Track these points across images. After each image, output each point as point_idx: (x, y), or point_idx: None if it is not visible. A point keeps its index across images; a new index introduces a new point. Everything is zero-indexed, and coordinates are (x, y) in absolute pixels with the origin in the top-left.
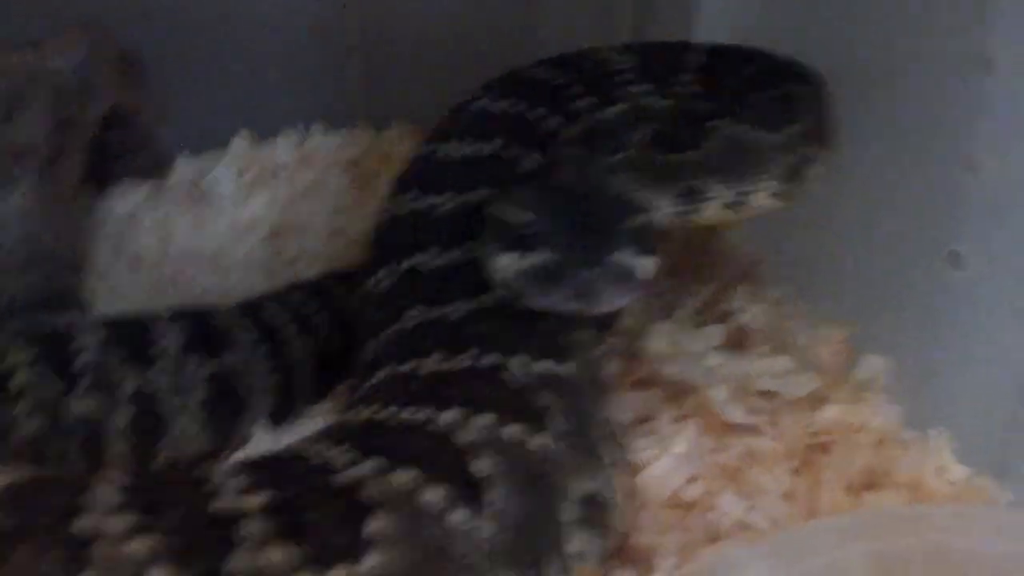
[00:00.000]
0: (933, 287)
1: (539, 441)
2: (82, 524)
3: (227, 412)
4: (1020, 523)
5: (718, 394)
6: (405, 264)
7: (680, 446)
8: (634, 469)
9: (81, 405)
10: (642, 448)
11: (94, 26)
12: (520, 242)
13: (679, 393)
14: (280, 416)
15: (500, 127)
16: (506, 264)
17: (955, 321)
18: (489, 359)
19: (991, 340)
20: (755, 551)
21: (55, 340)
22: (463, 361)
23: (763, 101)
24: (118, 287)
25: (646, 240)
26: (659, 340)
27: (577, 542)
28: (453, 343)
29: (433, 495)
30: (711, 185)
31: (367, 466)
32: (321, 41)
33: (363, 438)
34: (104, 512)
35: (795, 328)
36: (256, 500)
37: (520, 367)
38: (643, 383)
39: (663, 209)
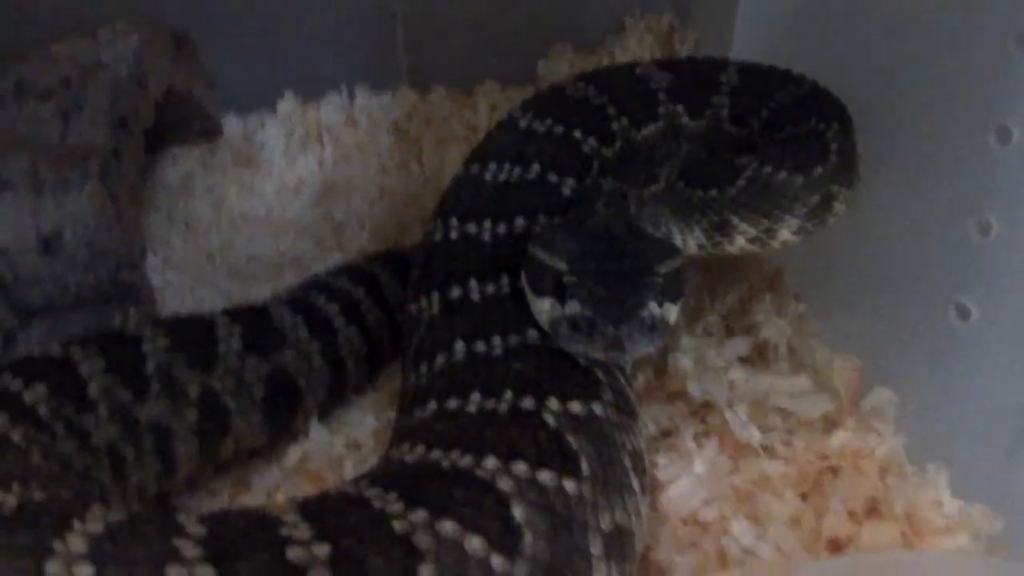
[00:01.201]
0: (941, 333)
1: (571, 485)
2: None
3: (284, 407)
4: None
5: (737, 415)
6: (451, 293)
7: (700, 467)
8: (656, 486)
9: (152, 409)
10: (664, 465)
11: (144, 14)
12: (557, 289)
13: (702, 409)
14: (333, 403)
15: (539, 151)
16: (545, 309)
17: (958, 366)
18: (526, 403)
19: (990, 385)
20: None
21: (124, 345)
22: (502, 404)
23: (791, 142)
24: (171, 257)
25: (676, 285)
26: (686, 357)
27: (604, 572)
28: (493, 382)
29: (476, 543)
30: (738, 222)
31: (418, 515)
32: (365, 4)
33: (413, 485)
34: (190, 563)
35: (814, 347)
36: (323, 550)
37: (554, 409)
38: (670, 397)
39: (692, 241)
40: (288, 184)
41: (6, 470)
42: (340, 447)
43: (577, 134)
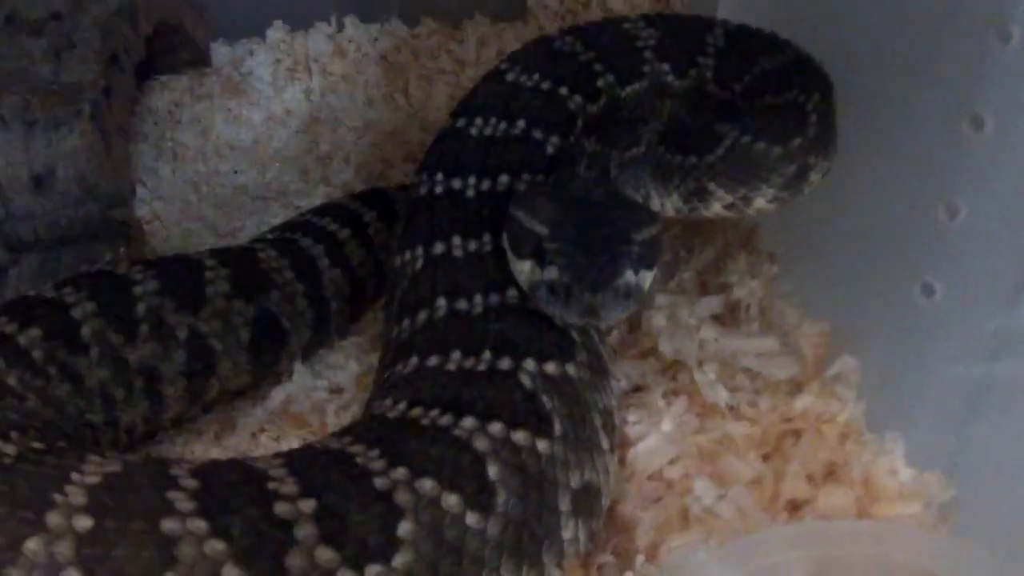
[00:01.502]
0: (906, 308)
1: (543, 445)
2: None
3: (269, 348)
4: (953, 547)
5: (706, 375)
6: (435, 248)
7: (668, 425)
8: (625, 442)
9: (142, 351)
10: (634, 421)
11: None
12: (537, 254)
13: (673, 367)
14: (317, 343)
15: (525, 107)
16: (524, 272)
17: (920, 340)
18: (503, 363)
19: (949, 361)
20: (711, 554)
21: (115, 288)
22: (480, 364)
23: (771, 111)
24: (159, 187)
25: (652, 252)
26: (659, 314)
27: (572, 528)
28: (472, 341)
29: (453, 501)
30: (715, 188)
31: (399, 473)
32: None
33: (394, 443)
34: (183, 516)
35: (784, 309)
36: (308, 505)
37: (529, 370)
38: (642, 354)
39: (670, 205)
40: (275, 113)
41: (4, 417)
42: (323, 391)
43: (563, 90)
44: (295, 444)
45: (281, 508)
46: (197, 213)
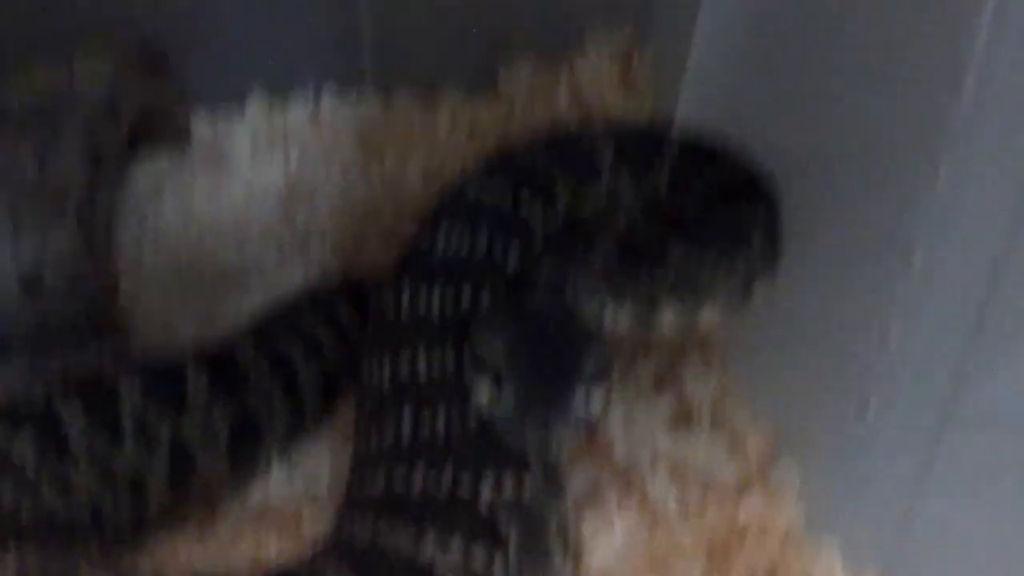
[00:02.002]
0: (842, 422)
1: (499, 563)
2: None
3: (247, 446)
4: None
5: (656, 481)
6: (401, 358)
7: (619, 538)
8: (578, 552)
9: (129, 456)
10: (587, 529)
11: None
12: (495, 379)
13: (626, 473)
14: (292, 438)
15: (487, 225)
16: (482, 393)
17: (856, 451)
18: (463, 485)
19: (883, 471)
20: None
21: (102, 395)
22: (444, 482)
23: (717, 225)
24: (141, 266)
25: (603, 377)
26: (613, 418)
27: None
28: (435, 460)
29: None
30: (664, 302)
31: None
32: (333, 4)
33: (363, 566)
34: None
35: (734, 411)
36: None
37: (487, 491)
38: (596, 462)
39: (624, 320)
40: (254, 188)
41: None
42: (299, 497)
43: (523, 209)
44: (273, 547)
45: None
46: (179, 291)
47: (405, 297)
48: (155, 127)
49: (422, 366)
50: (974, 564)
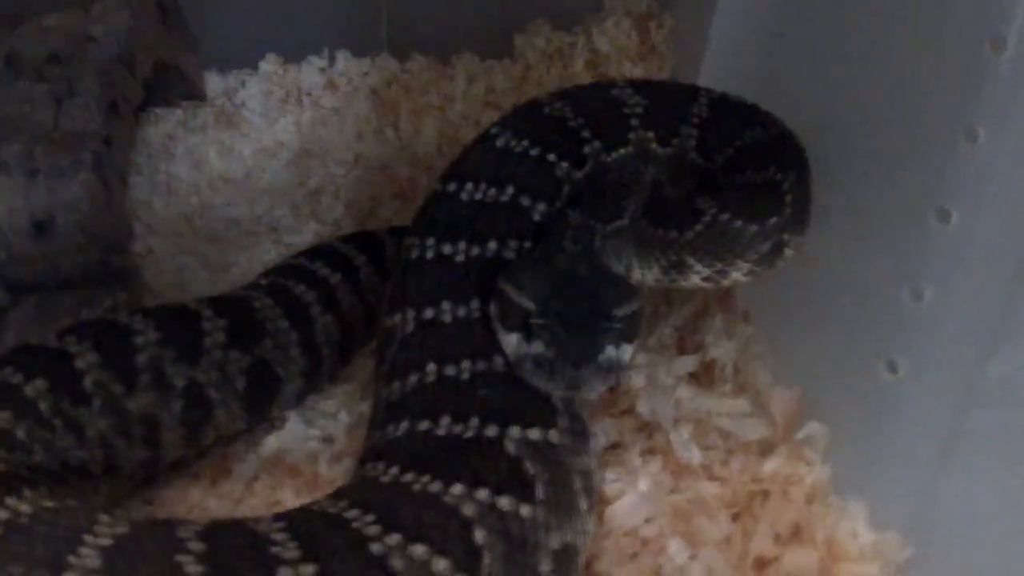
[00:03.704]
0: (871, 381)
1: (526, 510)
2: None
3: (263, 396)
4: None
5: (680, 435)
6: (425, 313)
7: (644, 484)
8: (602, 499)
9: (142, 401)
10: (611, 480)
11: None
12: (524, 327)
13: (649, 426)
14: (309, 388)
15: (514, 173)
16: (511, 344)
17: (884, 412)
18: (490, 430)
19: (911, 431)
20: None
21: (117, 338)
22: (468, 431)
23: (749, 189)
24: (152, 221)
25: (633, 327)
26: (638, 375)
27: None
28: (461, 408)
29: (442, 565)
30: (694, 262)
31: (393, 538)
32: None
33: (388, 509)
34: None
35: (758, 371)
36: (309, 570)
37: (514, 437)
38: (620, 413)
39: (651, 277)
40: (267, 146)
41: (16, 473)
42: (315, 441)
43: (551, 157)
44: (289, 493)
45: (284, 573)
46: (190, 247)
47: (430, 239)
48: (169, 81)
49: (447, 312)
50: (998, 528)
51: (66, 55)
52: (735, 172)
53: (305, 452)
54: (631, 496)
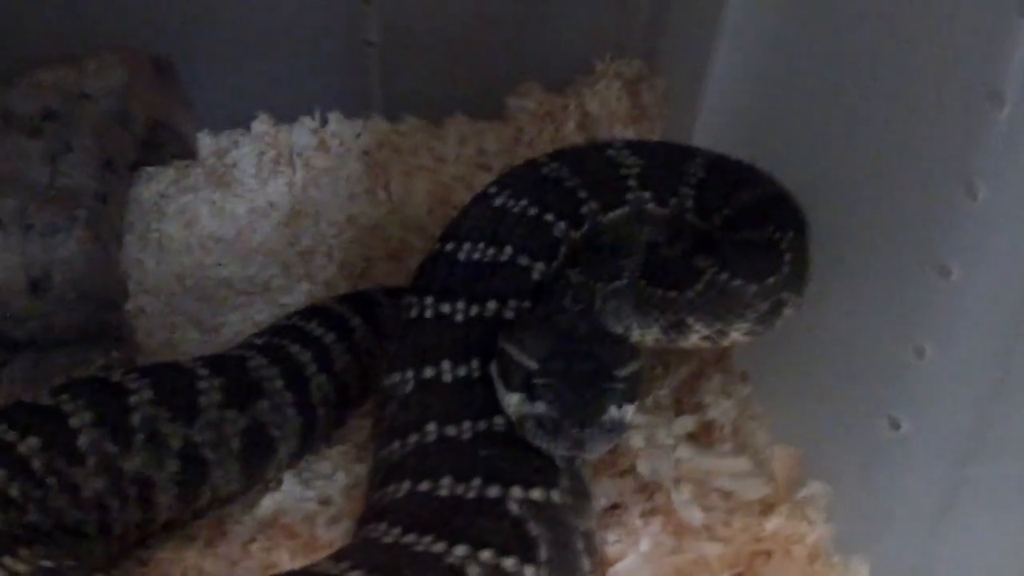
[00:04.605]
0: (873, 439)
1: (530, 570)
2: None
3: (259, 456)
4: None
5: (681, 495)
6: (425, 372)
7: (645, 545)
8: (604, 561)
9: (136, 461)
10: (613, 541)
11: (124, 32)
12: (526, 386)
13: (649, 486)
14: (304, 449)
15: (512, 232)
16: (513, 404)
17: (886, 470)
18: (492, 491)
19: (914, 489)
20: None
21: (111, 396)
22: (470, 491)
23: (748, 248)
24: (144, 280)
25: (634, 387)
26: (637, 435)
27: None
28: (462, 468)
29: None
30: (693, 322)
31: None
32: (341, 32)
33: (390, 571)
34: None
35: (756, 430)
36: None
37: (517, 497)
38: (620, 474)
39: (650, 337)
40: (259, 206)
41: (10, 532)
42: (312, 502)
43: (549, 217)
44: (285, 555)
45: None
46: (182, 307)
47: (429, 299)
48: (162, 139)
49: (447, 372)
50: None
51: (61, 112)
52: (733, 231)
53: (302, 513)
54: (633, 557)
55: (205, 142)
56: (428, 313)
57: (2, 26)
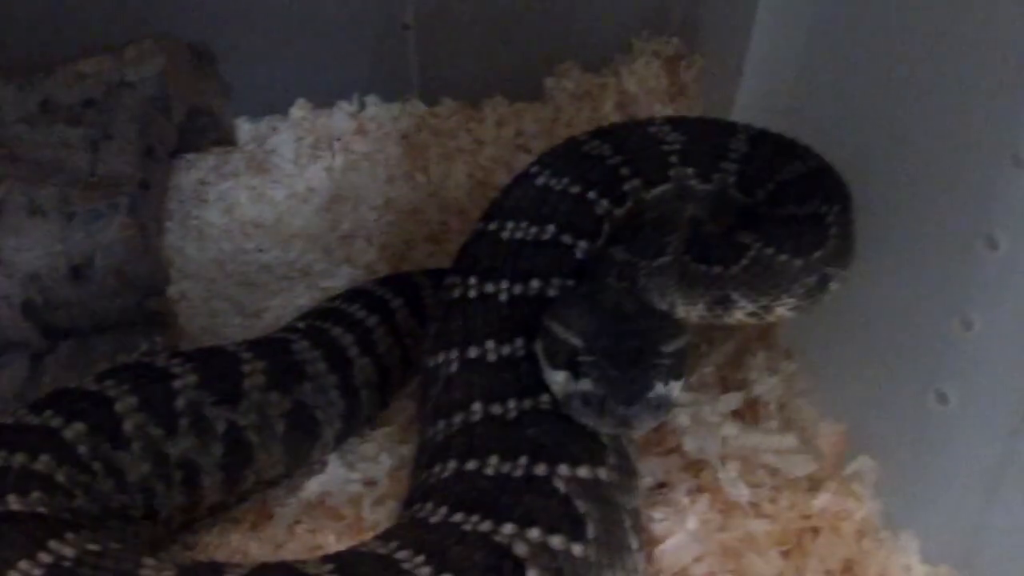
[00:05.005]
0: (921, 413)
1: (578, 548)
2: None
3: (304, 439)
4: None
5: (728, 472)
6: (469, 352)
7: (692, 523)
8: (651, 539)
9: (181, 445)
10: (659, 519)
11: (161, 21)
12: (571, 365)
13: (695, 464)
14: (348, 431)
15: (555, 211)
16: (559, 382)
17: (934, 444)
18: (539, 469)
19: (962, 463)
20: None
21: (156, 381)
22: (517, 470)
23: (792, 223)
24: (185, 266)
25: (680, 363)
26: (683, 413)
27: None
28: (509, 447)
29: None
30: (739, 298)
31: None
32: (378, 16)
33: (438, 549)
34: None
35: (802, 407)
36: None
37: (564, 475)
38: (666, 452)
39: (695, 313)
40: (298, 191)
41: (57, 516)
42: (357, 485)
43: (591, 195)
44: (331, 537)
45: None
46: (223, 292)
47: (473, 279)
48: (201, 126)
49: (491, 351)
50: None
51: (101, 100)
52: (777, 206)
53: (347, 495)
54: (680, 535)
55: (244, 128)
56: (472, 293)
57: (42, 16)
